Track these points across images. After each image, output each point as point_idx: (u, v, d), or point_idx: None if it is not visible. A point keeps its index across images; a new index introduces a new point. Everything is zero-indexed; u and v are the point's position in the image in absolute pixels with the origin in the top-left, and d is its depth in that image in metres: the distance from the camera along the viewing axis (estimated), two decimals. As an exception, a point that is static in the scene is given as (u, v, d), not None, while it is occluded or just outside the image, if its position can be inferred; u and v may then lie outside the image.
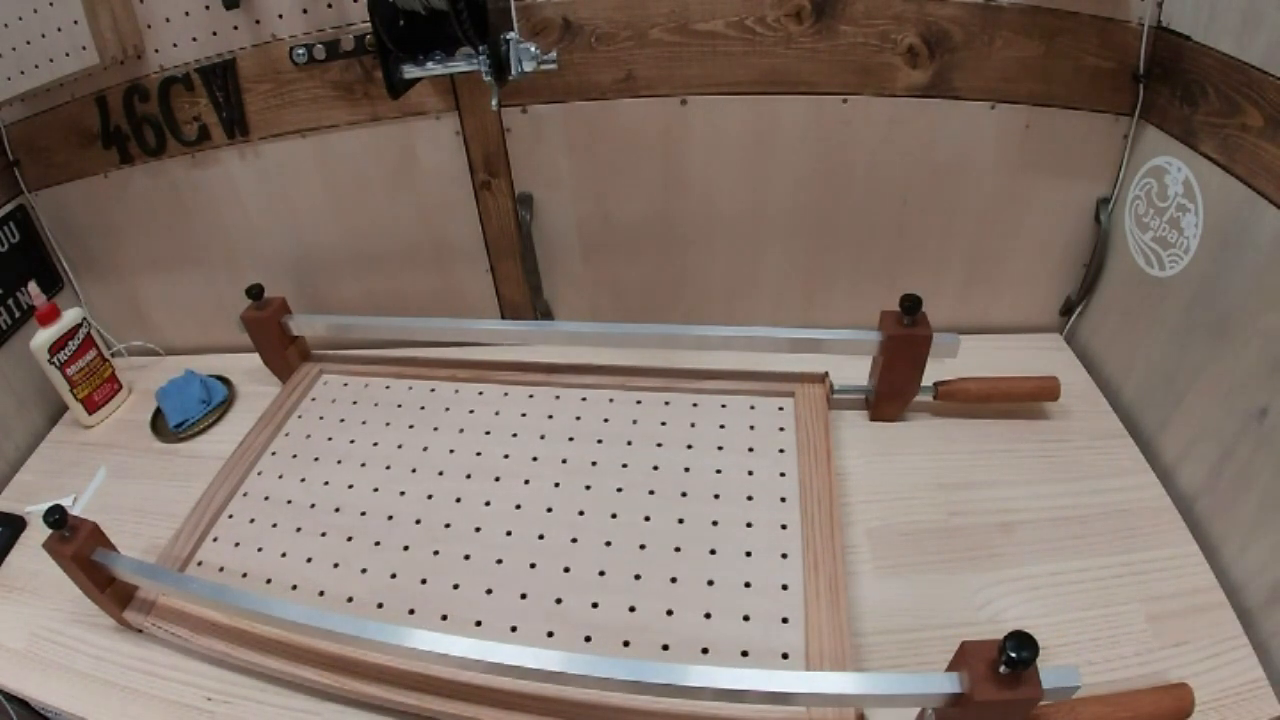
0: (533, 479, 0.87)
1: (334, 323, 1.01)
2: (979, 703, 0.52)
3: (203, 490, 0.88)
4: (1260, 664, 0.68)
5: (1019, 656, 0.51)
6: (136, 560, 0.74)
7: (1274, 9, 0.68)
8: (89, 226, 1.05)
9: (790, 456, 0.86)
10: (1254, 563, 0.73)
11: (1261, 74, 0.70)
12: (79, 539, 0.71)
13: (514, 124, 0.92)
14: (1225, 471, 0.78)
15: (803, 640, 0.69)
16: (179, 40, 0.89)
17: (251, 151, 0.96)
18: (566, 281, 1.06)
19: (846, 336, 0.87)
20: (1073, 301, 1.02)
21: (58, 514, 0.69)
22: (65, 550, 0.70)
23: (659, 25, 0.85)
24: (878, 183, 0.95)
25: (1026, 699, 0.53)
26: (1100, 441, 0.89)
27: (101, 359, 1.04)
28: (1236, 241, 0.75)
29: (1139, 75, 0.85)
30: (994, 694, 0.52)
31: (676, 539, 0.79)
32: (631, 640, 0.71)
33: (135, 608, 0.77)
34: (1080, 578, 0.76)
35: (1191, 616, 0.72)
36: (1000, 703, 0.52)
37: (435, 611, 0.75)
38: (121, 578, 0.74)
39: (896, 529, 0.81)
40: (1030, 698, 0.53)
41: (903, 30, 0.84)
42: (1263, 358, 0.73)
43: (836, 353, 0.88)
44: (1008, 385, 0.91)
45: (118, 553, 0.74)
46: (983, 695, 0.52)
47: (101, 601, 0.75)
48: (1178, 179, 0.82)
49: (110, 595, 0.74)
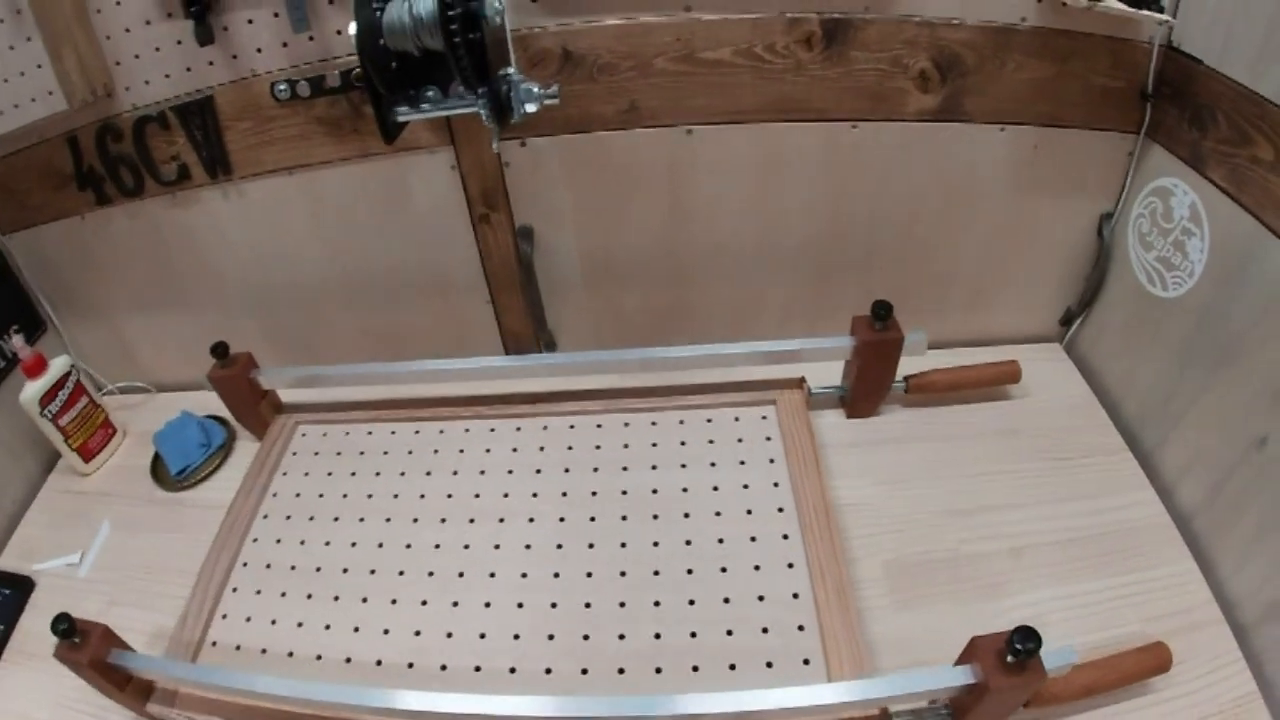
0: (537, 517, 0.87)
1: (307, 374, 0.97)
2: (994, 689, 0.59)
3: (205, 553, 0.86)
4: (1254, 678, 0.72)
5: (1025, 648, 0.58)
6: (155, 658, 0.73)
7: None
8: (69, 267, 1.01)
9: (780, 466, 0.89)
10: (1250, 581, 0.76)
11: (1276, 108, 0.70)
12: (91, 645, 0.68)
13: (512, 157, 0.89)
14: (1223, 493, 0.80)
15: (820, 645, 0.73)
16: (151, 77, 0.84)
17: (235, 190, 0.92)
18: (571, 311, 1.04)
19: (823, 345, 0.91)
20: (1073, 312, 1.03)
21: (65, 623, 0.67)
22: (79, 658, 0.68)
23: (663, 54, 0.82)
24: (886, 207, 0.94)
25: (1031, 681, 0.60)
26: (1100, 458, 0.91)
27: (94, 405, 1.01)
28: (1242, 272, 0.76)
29: (1146, 93, 0.84)
30: (1005, 681, 0.59)
31: (687, 561, 0.81)
32: (663, 666, 0.73)
33: (159, 699, 0.74)
34: (1080, 601, 0.78)
35: (1189, 633, 0.74)
36: (1010, 687, 0.60)
37: (468, 665, 0.75)
38: (142, 676, 0.72)
39: (908, 559, 0.83)
40: (1034, 679, 0.60)
41: (914, 55, 0.82)
42: (1265, 388, 0.74)
43: (814, 360, 0.92)
44: (972, 373, 0.96)
45: (133, 651, 0.72)
46: (996, 683, 0.59)
47: (122, 699, 0.73)
48: (1184, 202, 0.83)
49: (130, 693, 0.72)
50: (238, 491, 0.92)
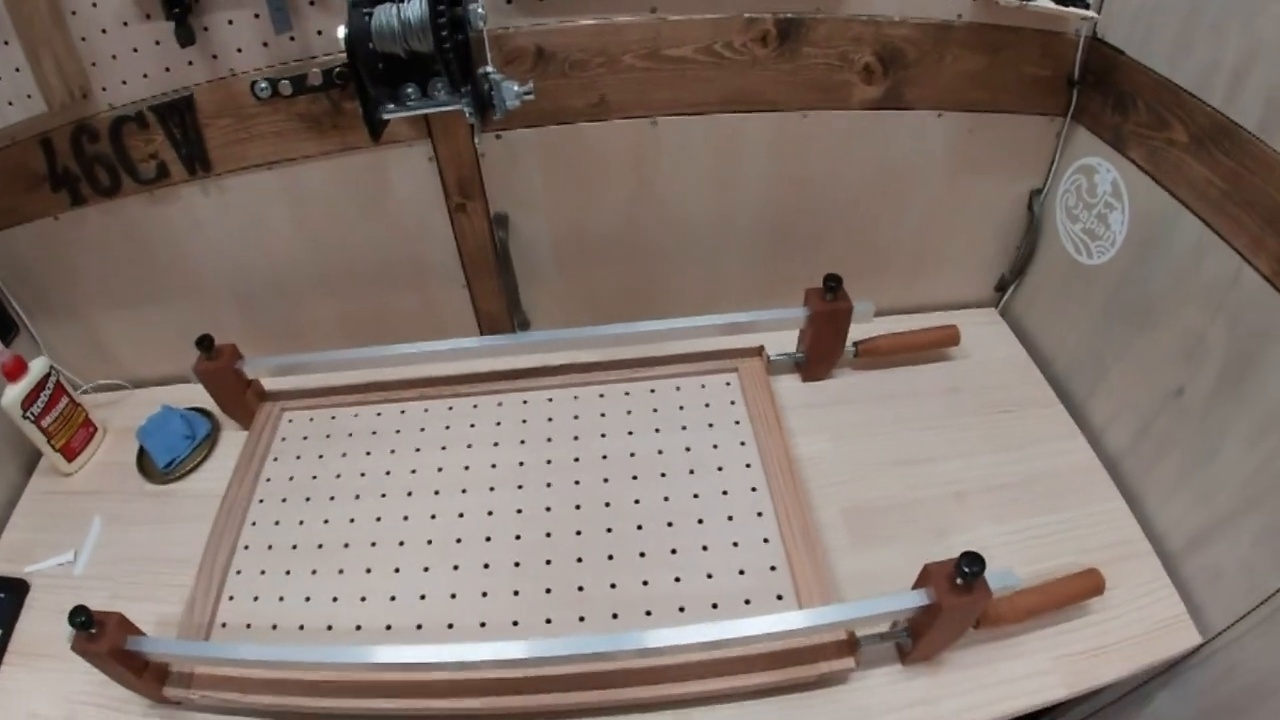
0: (525, 484, 0.93)
1: (290, 362, 1.00)
2: (946, 609, 0.67)
3: (205, 538, 0.88)
4: (1182, 601, 0.81)
5: (971, 570, 0.66)
6: (174, 640, 0.75)
7: (1204, 39, 0.75)
8: (42, 269, 1.00)
9: (745, 426, 0.97)
10: (1174, 515, 0.86)
11: (1190, 96, 0.77)
12: (109, 634, 0.70)
13: (488, 149, 0.93)
14: (1147, 437, 0.89)
15: (791, 582, 0.81)
16: (128, 78, 0.85)
17: (215, 186, 0.93)
18: (544, 293, 1.09)
19: (779, 316, 0.98)
20: (1006, 280, 1.13)
21: (83, 615, 0.68)
22: (98, 648, 0.69)
23: (631, 52, 0.87)
24: (834, 189, 1.01)
25: (979, 600, 0.68)
26: (1034, 410, 1.01)
27: (74, 404, 1.01)
28: (1159, 242, 0.85)
29: (1073, 81, 0.92)
30: (956, 601, 0.67)
31: (666, 515, 0.88)
32: (653, 610, 0.81)
33: (174, 683, 0.77)
34: (1021, 536, 0.87)
35: (1121, 563, 0.83)
36: (960, 606, 0.67)
37: (472, 621, 0.81)
38: (160, 660, 0.74)
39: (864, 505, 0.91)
40: (982, 599, 0.68)
41: (860, 50, 0.89)
42: (1179, 346, 0.83)
43: (771, 330, 1.00)
44: (916, 338, 1.06)
45: (149, 636, 0.74)
46: (948, 603, 0.67)
47: (139, 686, 0.74)
48: (1106, 179, 0.91)
49: (147, 678, 0.74)
50: (231, 479, 0.95)
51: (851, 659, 0.74)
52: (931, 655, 0.77)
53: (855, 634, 0.75)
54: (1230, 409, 0.77)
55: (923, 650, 0.75)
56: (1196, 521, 0.82)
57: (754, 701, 0.75)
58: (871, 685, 0.77)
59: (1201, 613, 0.80)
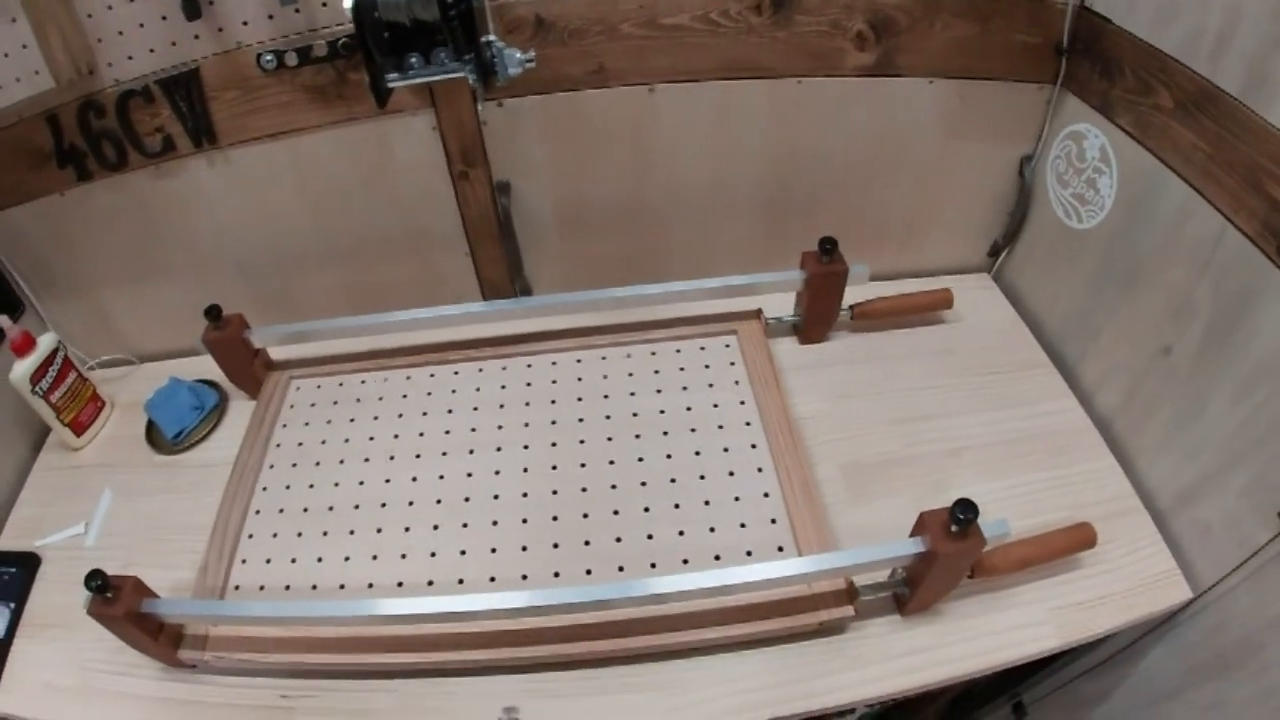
0: (531, 444, 0.95)
1: (298, 330, 1.01)
2: (941, 555, 0.69)
3: (216, 505, 0.90)
4: (1173, 556, 0.83)
5: (965, 517, 0.68)
6: (190, 600, 0.77)
7: (1188, 5, 0.76)
8: (47, 245, 1.01)
9: (745, 386, 0.99)
10: (1164, 473, 0.88)
11: (1175, 62, 0.79)
12: (125, 597, 0.71)
13: (490, 117, 0.94)
14: (1136, 397, 0.92)
15: (791, 533, 0.84)
16: (135, 53, 0.86)
17: (221, 158, 0.95)
18: (546, 259, 1.11)
19: (777, 279, 1.01)
20: (999, 245, 1.15)
21: (99, 578, 0.69)
22: (114, 611, 0.70)
23: (629, 20, 0.88)
24: (828, 155, 1.03)
25: (974, 547, 0.70)
26: (1027, 371, 1.03)
27: (82, 379, 1.02)
28: (1146, 205, 0.87)
29: (1061, 49, 0.94)
30: (951, 547, 0.69)
31: (670, 472, 0.91)
32: (657, 562, 0.83)
33: (189, 645, 0.78)
34: (1015, 492, 0.89)
35: (1113, 520, 0.85)
36: (955, 553, 0.69)
37: (483, 575, 0.83)
38: (176, 622, 0.75)
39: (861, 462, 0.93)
40: (976, 546, 0.70)
41: (852, 18, 0.91)
42: (1167, 305, 0.85)
43: (769, 293, 1.02)
44: (910, 301, 1.08)
45: (163, 598, 0.75)
46: (943, 549, 0.69)
47: (154, 650, 0.76)
48: (1095, 145, 0.93)
49: (162, 642, 0.75)
50: (241, 445, 0.96)
51: (850, 607, 0.76)
52: (928, 605, 0.79)
53: (854, 583, 0.77)
54: (1215, 367, 0.79)
55: (920, 600, 0.77)
56: (1185, 478, 0.84)
57: (755, 650, 0.78)
58: (870, 635, 0.79)
59: (1192, 568, 0.82)
